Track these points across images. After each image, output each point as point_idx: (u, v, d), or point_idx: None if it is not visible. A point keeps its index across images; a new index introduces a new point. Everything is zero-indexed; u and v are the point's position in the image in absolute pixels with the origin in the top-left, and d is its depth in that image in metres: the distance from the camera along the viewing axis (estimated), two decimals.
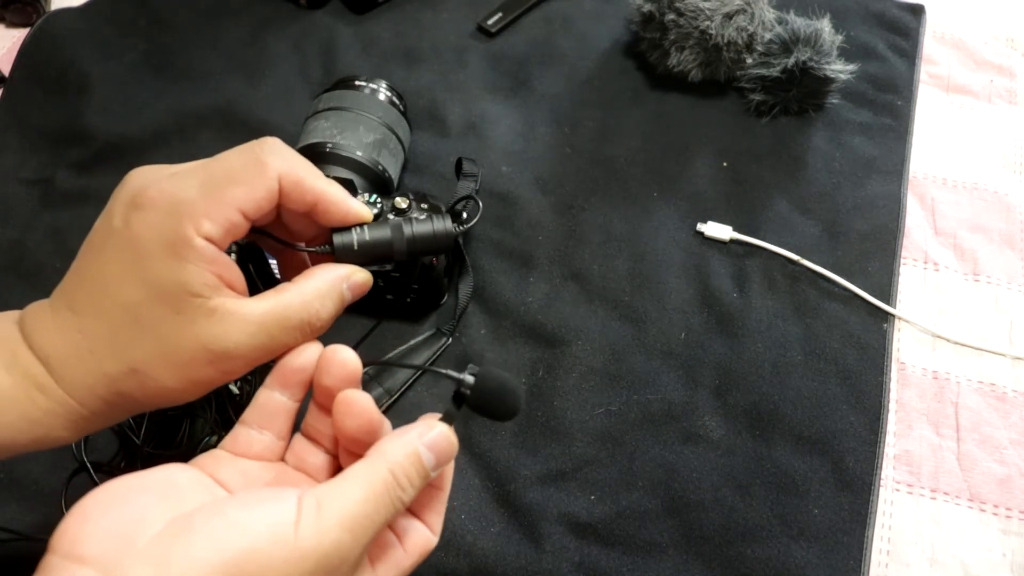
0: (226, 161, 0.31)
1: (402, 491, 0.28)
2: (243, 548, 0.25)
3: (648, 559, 0.47)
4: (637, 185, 0.63)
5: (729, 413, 0.52)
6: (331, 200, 0.33)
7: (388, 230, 0.34)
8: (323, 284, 0.32)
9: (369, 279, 0.34)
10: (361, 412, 0.29)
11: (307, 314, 0.31)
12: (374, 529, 0.27)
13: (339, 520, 0.26)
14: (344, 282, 0.33)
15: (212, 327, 0.29)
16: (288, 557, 0.25)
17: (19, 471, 0.49)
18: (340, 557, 0.26)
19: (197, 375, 0.30)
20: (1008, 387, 0.53)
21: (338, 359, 0.31)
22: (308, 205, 0.32)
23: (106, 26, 0.72)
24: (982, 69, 0.71)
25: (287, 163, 0.31)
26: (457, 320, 0.55)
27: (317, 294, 0.32)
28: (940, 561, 0.47)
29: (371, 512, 0.27)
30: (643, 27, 0.67)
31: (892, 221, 0.60)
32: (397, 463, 0.28)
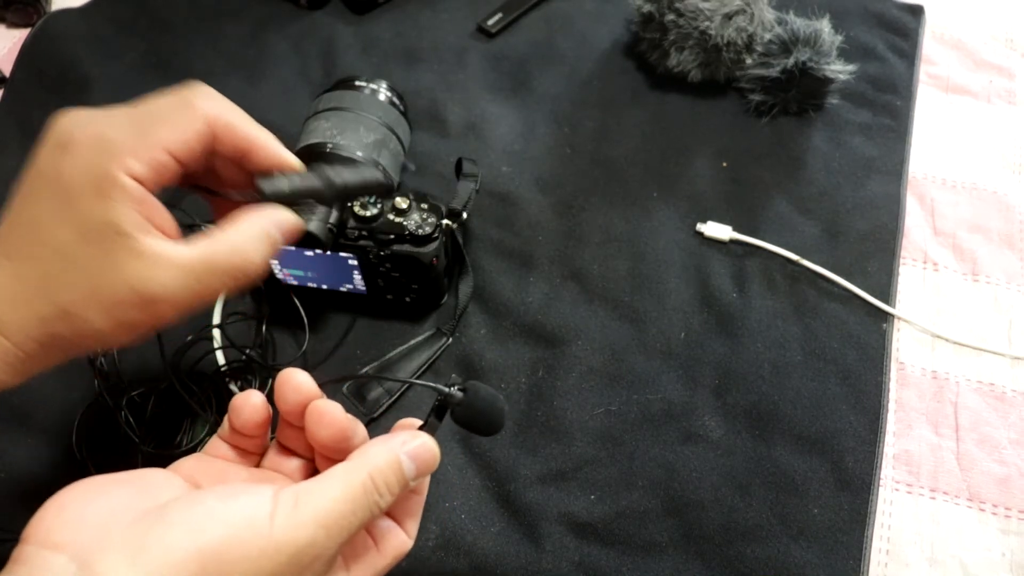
0: (154, 103, 0.31)
1: (380, 496, 0.28)
2: (218, 537, 0.25)
3: (648, 559, 0.47)
4: (637, 185, 0.63)
5: (729, 413, 0.52)
6: (262, 145, 0.33)
7: (317, 179, 0.34)
8: (253, 228, 0.32)
9: (299, 221, 0.34)
10: (332, 422, 0.30)
11: (237, 258, 0.31)
12: (349, 530, 0.27)
13: (315, 516, 0.26)
14: (273, 225, 0.33)
15: (140, 268, 0.29)
16: (263, 548, 0.25)
17: (19, 471, 0.49)
18: (314, 553, 0.26)
19: (126, 317, 0.30)
20: (1007, 387, 0.53)
21: (291, 385, 0.30)
22: (239, 150, 0.32)
23: (106, 26, 0.72)
24: (981, 69, 0.71)
25: (217, 106, 0.32)
26: (457, 320, 0.55)
27: (246, 237, 0.32)
28: (939, 560, 0.47)
29: (347, 512, 0.27)
30: (643, 27, 0.67)
31: (891, 221, 0.61)
32: (378, 468, 0.28)
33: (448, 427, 0.51)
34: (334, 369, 0.53)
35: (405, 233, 0.49)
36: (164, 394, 0.50)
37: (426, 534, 0.47)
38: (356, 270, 0.52)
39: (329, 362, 0.54)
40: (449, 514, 0.48)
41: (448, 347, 0.54)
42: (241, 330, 0.55)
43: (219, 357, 0.53)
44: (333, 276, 0.53)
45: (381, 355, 0.53)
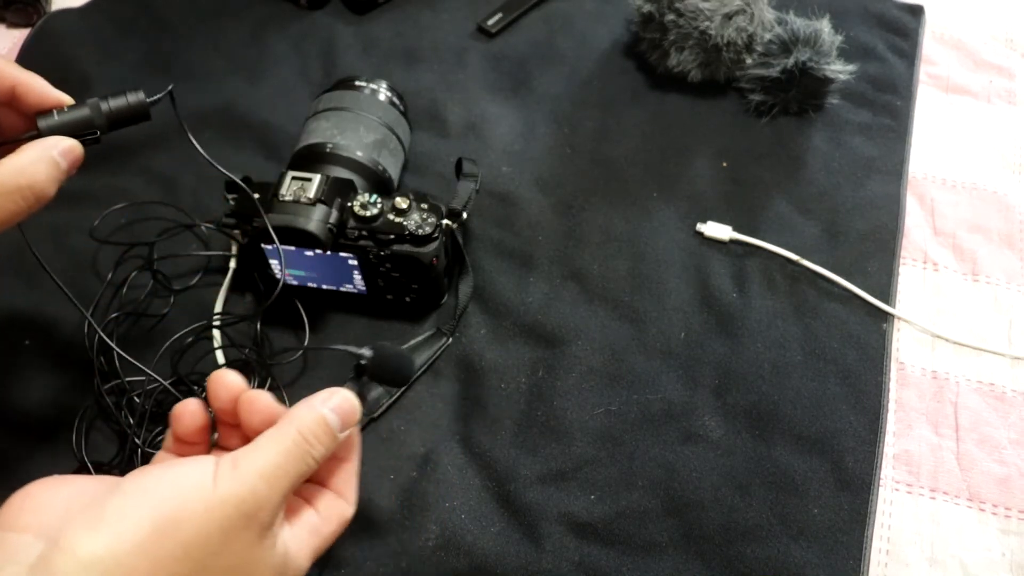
0: None
1: (311, 447, 0.31)
2: (167, 499, 0.28)
3: (648, 559, 0.47)
4: (637, 185, 0.63)
5: (729, 413, 0.52)
6: (29, 84, 0.36)
7: (87, 108, 0.38)
8: (33, 152, 0.35)
9: (76, 145, 0.37)
10: (263, 408, 0.33)
11: (24, 178, 0.34)
12: (288, 480, 0.30)
13: (254, 471, 0.29)
14: (53, 149, 0.35)
15: None
16: (208, 502, 0.28)
17: (18, 471, 0.49)
18: (256, 503, 0.29)
19: None
20: (1007, 387, 0.53)
21: (221, 383, 0.34)
22: (7, 91, 0.36)
23: (106, 26, 0.72)
24: (981, 69, 0.71)
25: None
26: (457, 320, 0.55)
27: (30, 160, 0.35)
28: (939, 560, 0.47)
29: (283, 463, 0.30)
30: (643, 27, 0.67)
31: (891, 221, 0.61)
32: (304, 424, 0.31)
33: (448, 427, 0.51)
34: (334, 369, 0.53)
35: (405, 233, 0.49)
36: (164, 394, 0.50)
37: (426, 534, 0.47)
38: (356, 270, 0.52)
39: (329, 362, 0.54)
40: (449, 514, 0.48)
41: (448, 347, 0.54)
42: (241, 330, 0.55)
43: (219, 357, 0.53)
44: (333, 276, 0.53)
45: None
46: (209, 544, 0.27)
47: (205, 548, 0.27)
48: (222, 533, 0.28)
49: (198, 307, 0.55)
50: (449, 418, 0.52)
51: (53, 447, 0.50)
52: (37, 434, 0.50)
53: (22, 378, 0.52)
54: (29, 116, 0.38)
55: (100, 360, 0.51)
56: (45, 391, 0.52)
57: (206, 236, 0.59)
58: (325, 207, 0.48)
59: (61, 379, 0.52)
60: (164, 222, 0.59)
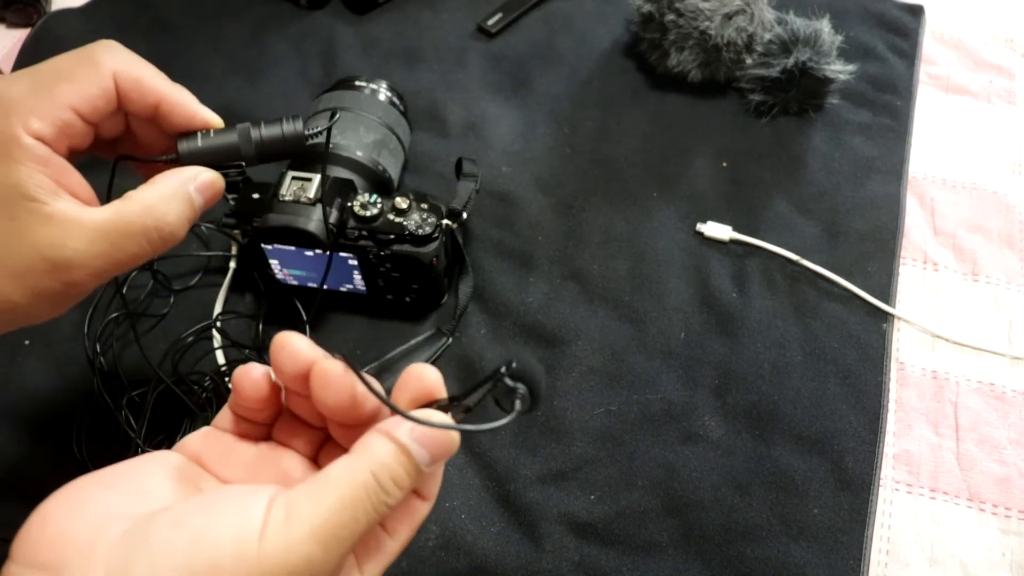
0: (58, 61, 0.30)
1: (387, 495, 0.25)
2: (202, 561, 0.23)
3: (648, 559, 0.47)
4: (637, 185, 0.63)
5: (729, 413, 0.52)
6: (174, 101, 0.32)
7: (235, 133, 0.34)
8: (167, 187, 0.31)
9: (218, 178, 0.33)
10: (338, 387, 0.26)
11: (151, 219, 0.30)
12: (351, 540, 0.24)
13: (310, 531, 0.23)
14: (190, 184, 0.31)
15: (49, 233, 0.28)
16: (249, 569, 0.22)
17: (19, 472, 0.49)
18: (310, 572, 0.23)
19: (38, 286, 0.28)
20: (1007, 387, 0.53)
21: (286, 352, 0.27)
22: (150, 107, 0.31)
23: (106, 26, 0.72)
24: (981, 69, 0.71)
25: (124, 61, 0.30)
26: (457, 320, 0.55)
27: (161, 197, 0.31)
28: (939, 560, 0.47)
29: (348, 521, 0.24)
30: (643, 27, 0.67)
31: (891, 221, 0.61)
32: (382, 464, 0.25)
33: None
34: None
35: (405, 233, 0.49)
36: (164, 394, 0.50)
37: (426, 534, 0.47)
38: (356, 270, 0.52)
39: None
40: (449, 514, 0.48)
41: (448, 347, 0.54)
42: (241, 330, 0.55)
43: (219, 357, 0.53)
44: (333, 276, 0.53)
45: (381, 355, 0.53)
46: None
47: None
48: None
49: (198, 307, 0.55)
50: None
51: (53, 447, 0.50)
52: (37, 434, 0.51)
53: (22, 378, 0.52)
54: (172, 135, 0.33)
55: (100, 360, 0.51)
56: (45, 391, 0.52)
57: (206, 236, 0.59)
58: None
59: (61, 379, 0.52)
60: None
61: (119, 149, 0.33)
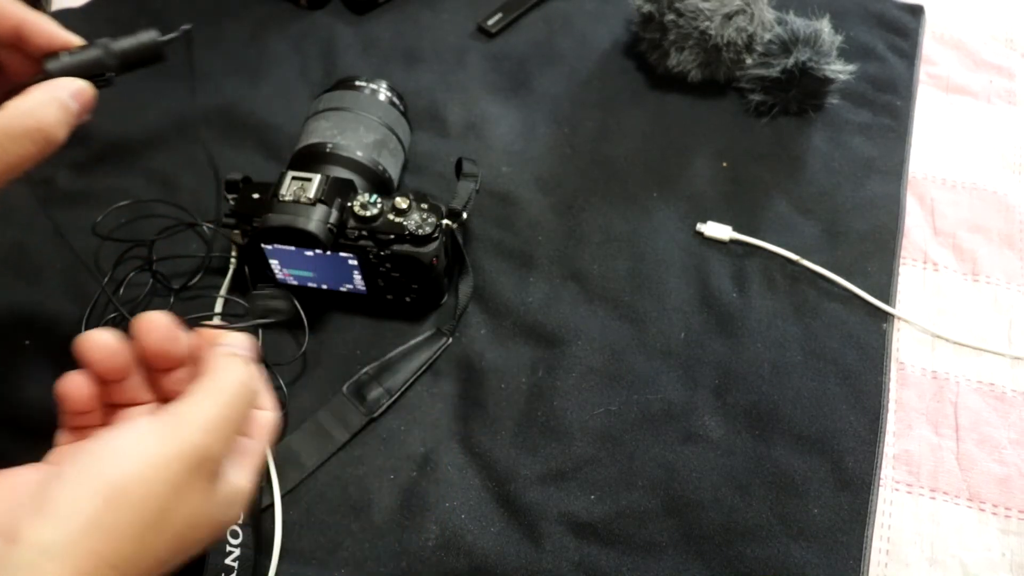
0: None
1: (255, 401, 0.33)
2: (111, 469, 0.27)
3: (648, 559, 0.47)
4: (637, 185, 0.63)
5: (729, 413, 0.52)
6: (35, 25, 0.35)
7: (96, 48, 0.37)
8: (42, 94, 0.34)
9: (88, 86, 0.36)
10: (159, 326, 0.33)
11: (32, 120, 0.33)
12: (232, 426, 0.30)
13: (198, 424, 0.29)
14: (61, 90, 0.34)
15: None
16: (155, 464, 0.27)
17: None
18: (203, 455, 0.29)
19: None
20: (1007, 387, 0.53)
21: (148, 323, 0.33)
22: (12, 31, 0.35)
23: (106, 26, 0.72)
24: (981, 69, 0.71)
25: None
26: (457, 320, 0.55)
27: (38, 103, 0.33)
28: (939, 560, 0.47)
29: (226, 413, 0.30)
30: (643, 27, 0.67)
31: (891, 221, 0.61)
32: (239, 377, 0.32)
33: (448, 427, 0.51)
34: (334, 369, 0.53)
35: (405, 233, 0.49)
36: None
37: (426, 534, 0.47)
38: (356, 270, 0.52)
39: (329, 362, 0.54)
40: (449, 514, 0.48)
41: (448, 347, 0.54)
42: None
43: None
44: (333, 276, 0.53)
45: (381, 355, 0.53)
46: (162, 504, 0.27)
47: (159, 509, 0.27)
48: (173, 490, 0.28)
49: (198, 307, 0.55)
50: (449, 418, 0.52)
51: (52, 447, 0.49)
52: (37, 434, 0.50)
53: (22, 378, 0.52)
54: (37, 59, 0.36)
55: None
56: (45, 391, 0.52)
57: (207, 236, 0.59)
58: (325, 207, 0.48)
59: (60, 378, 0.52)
60: (164, 221, 0.59)
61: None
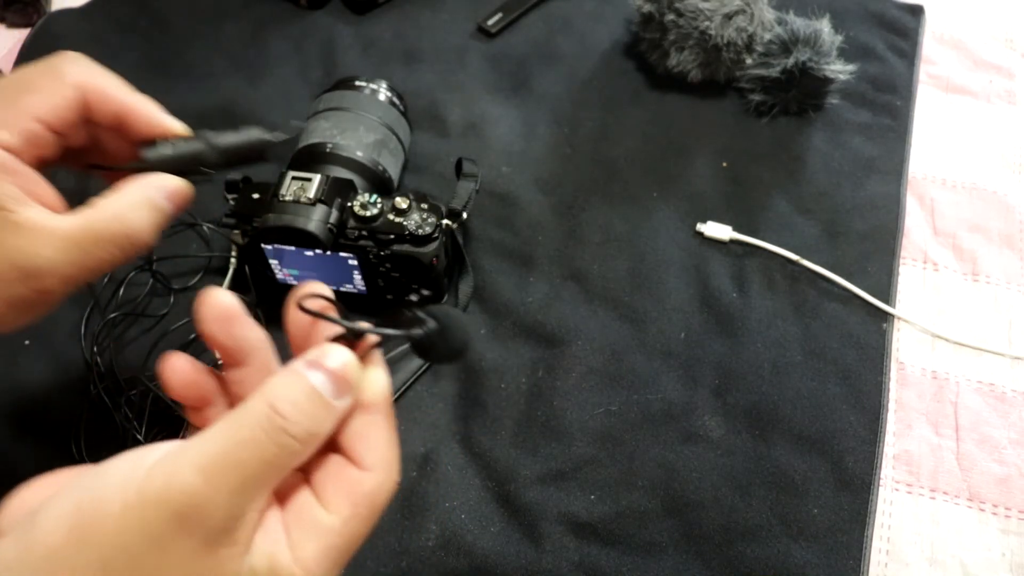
0: (22, 72, 0.30)
1: (288, 424, 0.23)
2: (90, 496, 0.22)
3: (648, 559, 0.47)
4: (637, 185, 0.63)
5: (729, 413, 0.52)
6: (138, 111, 0.32)
7: (198, 140, 0.34)
8: (134, 194, 0.31)
9: (185, 185, 0.33)
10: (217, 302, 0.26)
11: (121, 225, 0.30)
12: (241, 470, 0.22)
13: (193, 465, 0.22)
14: (156, 190, 0.32)
15: (18, 241, 0.28)
16: (127, 502, 0.22)
17: (19, 472, 0.49)
18: (189, 503, 0.21)
19: (9, 294, 0.28)
20: (1007, 387, 0.53)
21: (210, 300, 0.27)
22: (115, 116, 0.32)
23: (106, 26, 0.72)
24: (981, 69, 0.71)
25: (87, 72, 0.31)
26: None
27: (129, 205, 0.31)
28: (939, 560, 0.47)
29: (231, 450, 0.22)
30: (643, 28, 0.67)
31: (891, 221, 0.61)
32: (276, 393, 0.23)
33: (448, 427, 0.51)
34: None
35: (405, 233, 0.49)
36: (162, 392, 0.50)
37: (426, 534, 0.47)
38: (356, 270, 0.52)
39: None
40: (449, 514, 0.48)
41: None
42: None
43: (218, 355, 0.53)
44: (333, 276, 0.53)
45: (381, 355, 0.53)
46: (131, 553, 0.22)
47: (127, 557, 0.22)
48: (146, 541, 0.22)
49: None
50: (449, 418, 0.52)
51: (52, 447, 0.50)
52: (37, 434, 0.50)
53: (22, 378, 0.52)
54: (135, 144, 0.33)
55: (96, 360, 0.51)
56: (45, 391, 0.52)
57: (207, 236, 0.59)
58: (325, 207, 0.48)
59: (61, 379, 0.52)
60: None
61: (87, 159, 0.34)
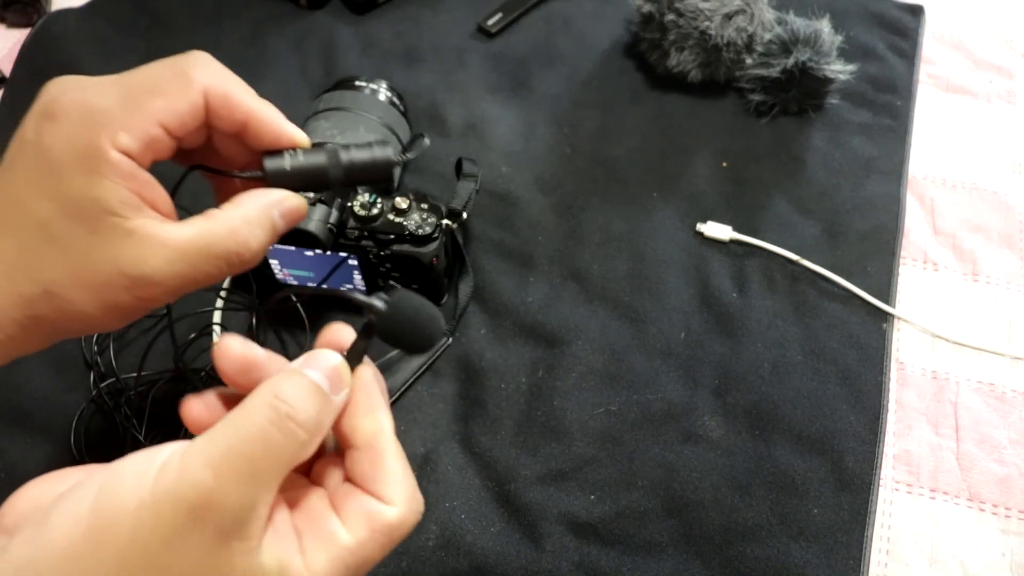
0: (148, 71, 0.29)
1: (290, 408, 0.24)
2: (106, 496, 0.23)
3: (648, 559, 0.47)
4: (637, 185, 0.63)
5: (729, 413, 0.52)
6: (262, 119, 0.30)
7: (324, 155, 0.31)
8: (252, 210, 0.29)
9: (303, 204, 0.31)
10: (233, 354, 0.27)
11: (234, 243, 0.29)
12: (250, 464, 0.23)
13: (204, 460, 0.22)
14: (275, 208, 0.30)
15: (129, 249, 0.27)
16: (143, 500, 0.22)
17: (20, 471, 0.49)
18: (201, 499, 0.22)
19: (114, 300, 0.28)
20: (1007, 387, 0.53)
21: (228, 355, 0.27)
22: (238, 124, 0.30)
23: (106, 26, 0.72)
24: (981, 69, 0.71)
25: (215, 76, 0.29)
26: (457, 320, 0.55)
27: (245, 221, 0.29)
28: (939, 560, 0.47)
29: (239, 444, 0.23)
30: (643, 27, 0.67)
31: (891, 221, 0.61)
32: (279, 388, 0.24)
33: (448, 427, 0.51)
34: None
35: (405, 233, 0.49)
36: (163, 392, 0.50)
37: (426, 534, 0.47)
38: (356, 270, 0.52)
39: None
40: (449, 514, 0.48)
41: (448, 347, 0.54)
42: (241, 328, 0.55)
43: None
44: (333, 276, 0.53)
45: (381, 355, 0.53)
46: (148, 551, 0.22)
47: (143, 555, 0.22)
48: (161, 538, 0.22)
49: (198, 306, 0.55)
50: (449, 418, 0.52)
51: (52, 447, 0.50)
52: (37, 434, 0.50)
53: (22, 378, 0.52)
54: (256, 152, 0.31)
55: (96, 359, 0.51)
56: (44, 390, 0.52)
57: None
58: (325, 207, 0.48)
59: (61, 379, 0.52)
60: None
61: (196, 158, 0.32)
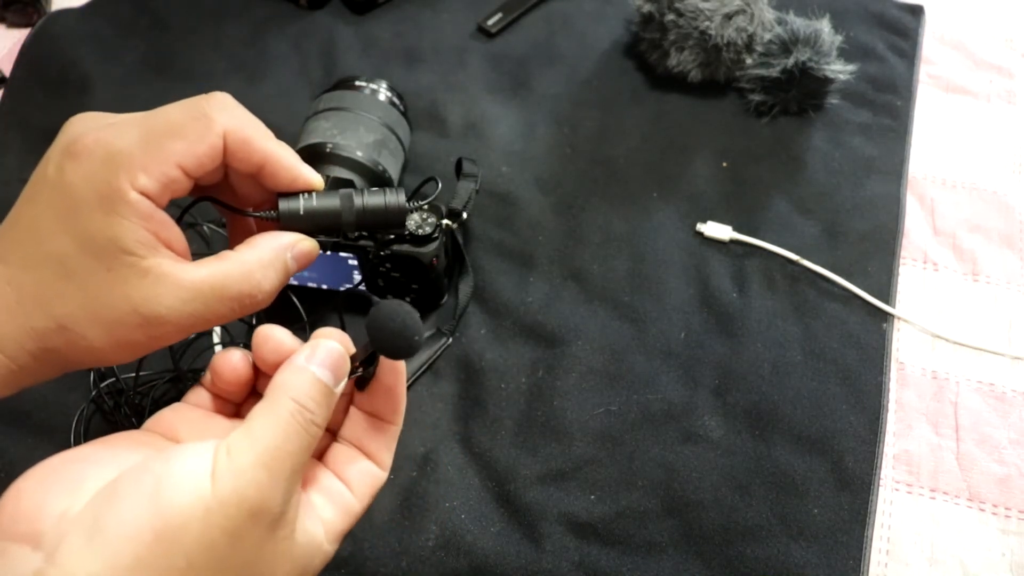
0: (169, 113, 0.29)
1: (312, 414, 0.27)
2: (166, 504, 0.24)
3: (648, 559, 0.47)
4: (637, 185, 0.63)
5: (729, 413, 0.52)
6: (279, 162, 0.31)
7: (337, 199, 0.32)
8: (266, 253, 0.30)
9: (315, 248, 0.32)
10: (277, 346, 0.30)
11: (247, 285, 0.30)
12: (291, 460, 0.26)
13: (253, 459, 0.25)
14: (288, 251, 0.31)
15: (144, 288, 0.28)
16: (208, 506, 0.24)
17: (20, 471, 0.49)
18: (260, 497, 0.25)
19: (126, 337, 0.28)
20: (1007, 387, 0.53)
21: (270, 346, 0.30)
22: (255, 166, 0.31)
23: (106, 26, 0.72)
24: (981, 69, 0.71)
25: (235, 120, 0.30)
26: (457, 320, 0.55)
27: (259, 263, 0.30)
28: (939, 560, 0.47)
29: (282, 444, 0.26)
30: (643, 27, 0.67)
31: (891, 221, 0.61)
32: (297, 390, 0.27)
33: (448, 427, 0.51)
34: None
35: (405, 233, 0.49)
36: (162, 392, 0.50)
37: (426, 534, 0.47)
38: (356, 270, 0.52)
39: None
40: (449, 514, 0.48)
41: (448, 347, 0.54)
42: (241, 328, 0.55)
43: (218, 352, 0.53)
44: (333, 276, 0.53)
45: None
46: (215, 550, 0.25)
47: (211, 555, 0.25)
48: (227, 536, 0.25)
49: None
50: (449, 418, 0.52)
51: (52, 447, 0.49)
52: (37, 434, 0.51)
53: None
54: (271, 192, 0.32)
55: None
56: (44, 391, 0.52)
57: (207, 236, 0.59)
58: None
59: (61, 379, 0.52)
60: None
61: (210, 192, 0.33)
